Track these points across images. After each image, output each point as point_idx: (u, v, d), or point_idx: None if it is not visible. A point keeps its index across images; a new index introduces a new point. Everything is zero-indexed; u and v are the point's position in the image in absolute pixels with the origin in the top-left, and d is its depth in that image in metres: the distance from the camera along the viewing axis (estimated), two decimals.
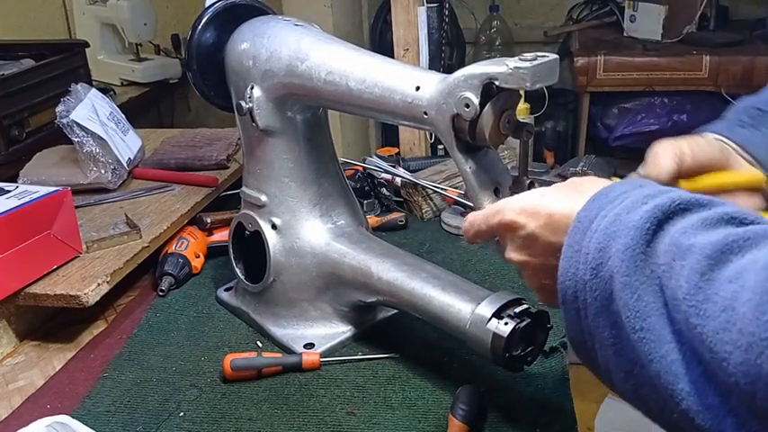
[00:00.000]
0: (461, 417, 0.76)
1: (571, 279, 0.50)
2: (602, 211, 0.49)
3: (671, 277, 0.43)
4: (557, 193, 0.57)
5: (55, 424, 0.74)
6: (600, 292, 0.48)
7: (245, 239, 0.97)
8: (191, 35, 0.93)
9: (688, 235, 0.44)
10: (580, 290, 0.49)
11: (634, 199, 0.49)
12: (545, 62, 0.64)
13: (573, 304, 0.50)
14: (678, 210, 0.46)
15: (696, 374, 0.42)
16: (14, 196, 0.97)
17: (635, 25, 2.39)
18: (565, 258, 0.51)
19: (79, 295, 0.94)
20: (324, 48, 0.84)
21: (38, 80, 1.58)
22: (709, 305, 0.40)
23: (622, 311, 0.45)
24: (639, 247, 0.45)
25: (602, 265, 0.47)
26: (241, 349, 0.94)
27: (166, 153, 1.37)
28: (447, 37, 2.24)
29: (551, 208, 0.55)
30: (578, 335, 0.51)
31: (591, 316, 0.49)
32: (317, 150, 0.94)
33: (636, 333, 0.44)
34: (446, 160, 1.39)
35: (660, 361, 0.43)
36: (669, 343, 0.43)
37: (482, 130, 0.68)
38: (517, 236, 0.58)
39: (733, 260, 0.41)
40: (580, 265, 0.49)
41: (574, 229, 0.51)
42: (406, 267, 0.86)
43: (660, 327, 0.43)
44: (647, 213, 0.46)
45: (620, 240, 0.46)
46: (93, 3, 2.25)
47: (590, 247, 0.48)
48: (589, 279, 0.48)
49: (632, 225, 0.46)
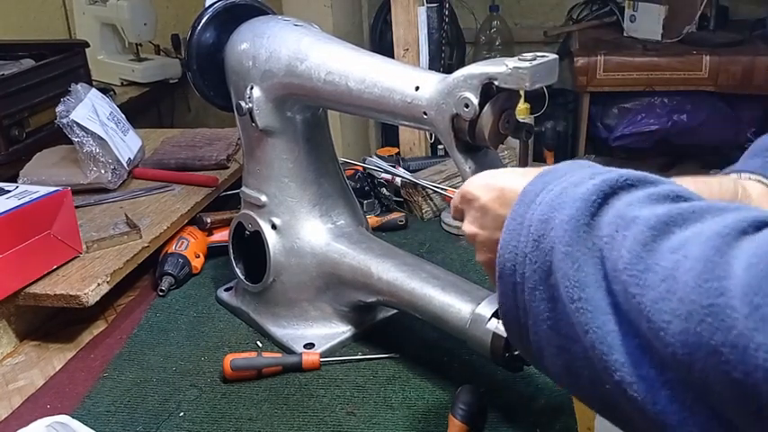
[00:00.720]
0: (461, 417, 0.76)
1: (511, 252, 0.49)
2: (549, 185, 0.49)
3: (612, 248, 0.42)
4: (513, 172, 0.57)
5: (55, 424, 0.74)
6: (539, 264, 0.47)
7: (245, 239, 0.97)
8: (191, 35, 0.93)
9: (633, 207, 0.43)
10: (519, 263, 0.49)
11: (582, 174, 0.49)
12: (545, 62, 0.64)
13: (510, 278, 0.50)
14: (625, 185, 0.46)
15: (632, 347, 0.41)
16: (14, 196, 0.97)
17: (635, 25, 2.39)
18: (506, 231, 0.50)
19: (79, 295, 0.94)
20: (323, 48, 0.84)
21: (38, 80, 1.58)
22: (649, 275, 0.39)
23: (561, 282, 0.45)
24: (584, 219, 0.45)
25: (543, 237, 0.47)
26: (241, 349, 0.94)
27: (166, 153, 1.37)
28: (447, 37, 2.24)
29: (505, 183, 0.55)
30: (512, 310, 0.51)
31: (528, 290, 0.48)
32: (316, 150, 0.94)
33: (573, 303, 0.44)
34: (446, 160, 1.39)
35: (596, 331, 0.42)
36: (606, 314, 0.42)
37: (482, 130, 0.68)
38: (472, 207, 0.58)
39: (676, 232, 0.40)
40: (521, 237, 0.48)
41: (518, 202, 0.50)
42: (406, 267, 0.86)
43: (598, 298, 0.43)
44: (595, 186, 0.46)
45: (564, 211, 0.46)
46: (93, 3, 2.25)
47: (533, 219, 0.48)
48: (529, 251, 0.48)
49: (578, 197, 0.46)
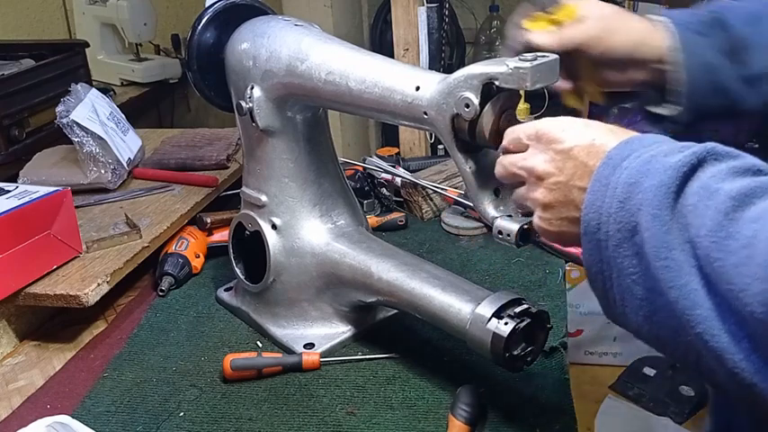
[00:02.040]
0: (461, 417, 0.76)
1: (596, 211, 0.53)
2: (635, 152, 0.52)
3: (696, 216, 0.46)
4: (603, 127, 0.59)
5: (55, 424, 0.74)
6: (624, 223, 0.51)
7: (245, 239, 0.97)
8: (191, 35, 0.93)
9: (716, 179, 0.48)
10: (603, 222, 0.52)
11: (671, 146, 0.52)
12: (545, 62, 0.64)
13: (594, 235, 0.53)
14: (711, 159, 0.50)
15: (714, 303, 0.45)
16: (14, 196, 0.97)
17: None
18: (591, 192, 0.53)
19: (79, 295, 0.94)
20: (324, 48, 0.84)
21: (38, 80, 1.58)
22: (730, 242, 0.44)
23: (648, 241, 0.48)
24: (673, 186, 0.48)
25: (629, 199, 0.50)
26: (241, 349, 0.94)
27: (166, 153, 1.37)
28: (447, 37, 2.24)
29: (596, 135, 0.57)
30: (596, 265, 0.54)
31: (612, 246, 0.52)
32: (317, 150, 0.94)
33: (660, 261, 0.48)
34: (446, 160, 1.39)
35: (681, 288, 0.46)
36: (689, 275, 0.46)
37: (482, 130, 0.68)
38: (551, 147, 0.59)
39: (756, 203, 0.45)
40: (606, 198, 0.52)
41: (603, 164, 0.53)
42: (406, 267, 0.86)
43: (683, 259, 0.47)
44: (686, 158, 0.49)
45: (654, 177, 0.49)
46: (93, 3, 2.24)
47: (619, 182, 0.51)
48: (614, 211, 0.51)
49: (669, 166, 0.49)
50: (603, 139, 0.56)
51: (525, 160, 0.60)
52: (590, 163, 0.56)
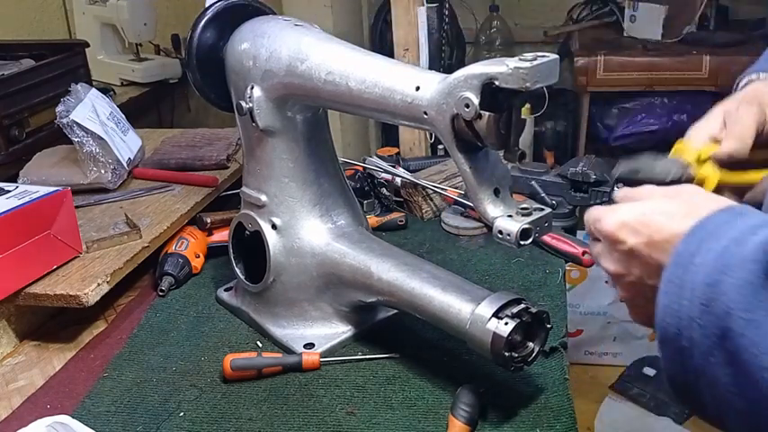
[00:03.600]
0: (462, 417, 0.76)
1: (673, 316, 0.48)
2: (705, 243, 0.48)
3: None
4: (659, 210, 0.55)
5: (55, 424, 0.74)
6: (712, 328, 0.45)
7: (245, 239, 0.97)
8: (191, 35, 0.93)
9: None
10: (684, 327, 0.47)
11: (741, 230, 0.47)
12: (545, 62, 0.64)
13: (675, 342, 0.48)
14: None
15: None
16: (14, 196, 0.97)
17: (635, 25, 2.39)
18: (665, 294, 0.49)
19: (79, 295, 0.94)
20: (324, 48, 0.84)
21: (38, 80, 1.58)
22: None
23: (747, 349, 0.43)
24: (758, 281, 0.43)
25: (713, 300, 0.45)
26: (241, 349, 0.94)
27: (166, 153, 1.37)
28: (447, 37, 2.24)
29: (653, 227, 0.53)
30: (680, 375, 0.49)
31: (699, 354, 0.46)
32: (317, 150, 0.94)
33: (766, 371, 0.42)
34: (446, 160, 1.39)
35: None
36: None
37: (482, 131, 0.68)
38: (616, 249, 0.57)
39: None
40: (684, 301, 0.47)
41: (673, 263, 0.49)
42: (406, 267, 0.86)
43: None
44: (762, 244, 0.44)
45: (734, 274, 0.44)
46: (94, 3, 2.24)
47: (695, 283, 0.46)
48: (697, 315, 0.46)
49: (747, 258, 0.44)
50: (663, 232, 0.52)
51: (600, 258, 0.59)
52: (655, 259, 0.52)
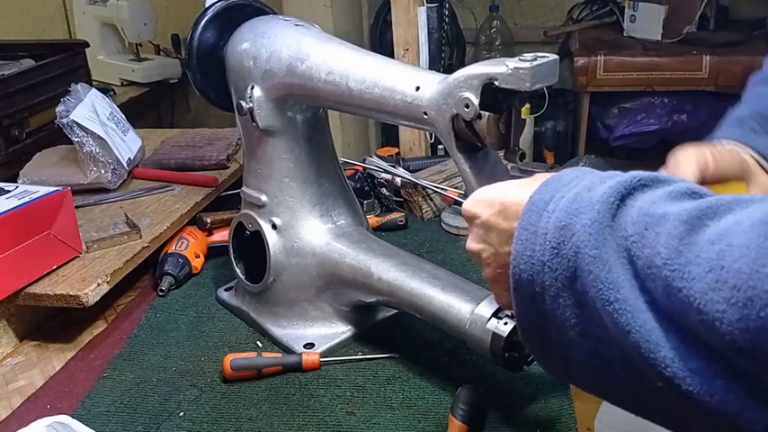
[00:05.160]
0: (461, 417, 0.76)
1: (526, 262, 0.49)
2: (558, 193, 0.49)
3: (644, 246, 0.43)
4: (512, 184, 0.57)
5: (55, 424, 0.74)
6: (561, 271, 0.47)
7: (245, 239, 0.97)
8: (191, 35, 0.93)
9: (658, 205, 0.44)
10: (537, 272, 0.48)
11: (592, 179, 0.49)
12: (545, 62, 0.64)
13: (528, 288, 0.49)
14: (639, 185, 0.46)
15: (676, 341, 0.41)
16: (14, 196, 0.97)
17: (635, 25, 2.40)
18: (519, 242, 0.50)
19: (79, 295, 0.94)
20: (324, 48, 0.84)
21: (38, 80, 1.58)
22: (692, 267, 0.39)
23: (592, 285, 0.44)
24: (606, 220, 0.45)
25: (563, 243, 0.46)
26: (241, 349, 0.94)
27: (166, 153, 1.37)
28: (447, 37, 2.24)
29: (505, 197, 0.55)
30: (531, 321, 0.50)
31: (549, 298, 0.48)
32: (317, 150, 0.94)
33: (610, 305, 0.43)
34: (446, 160, 1.39)
35: (638, 330, 0.42)
36: (644, 312, 0.42)
37: (482, 131, 0.68)
38: (474, 225, 0.58)
39: (709, 224, 0.41)
40: (537, 246, 0.48)
41: (527, 211, 0.50)
42: (406, 267, 0.86)
43: (634, 297, 0.43)
44: (611, 189, 0.46)
45: (584, 216, 0.46)
46: (93, 3, 2.24)
47: (548, 227, 0.48)
48: (548, 259, 0.47)
49: (596, 200, 0.46)
50: (514, 198, 0.54)
51: (467, 242, 0.60)
52: (507, 225, 0.54)
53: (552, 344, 0.49)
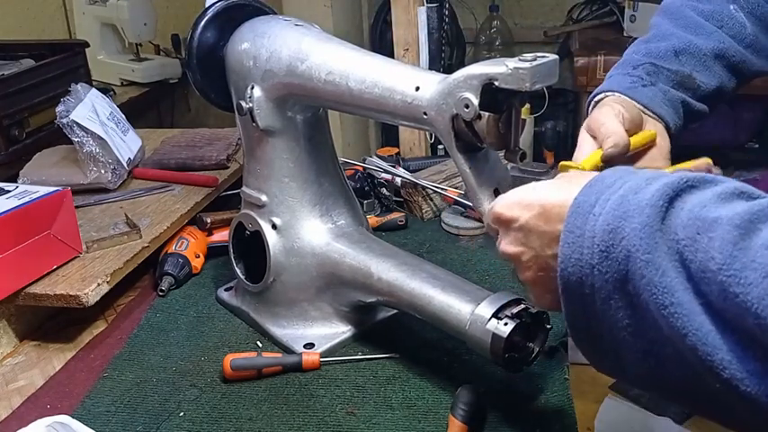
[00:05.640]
0: (461, 417, 0.76)
1: (575, 265, 0.49)
2: (602, 195, 0.49)
3: (697, 251, 0.43)
4: (548, 186, 0.57)
5: (55, 424, 0.74)
6: (612, 273, 0.47)
7: (245, 239, 0.97)
8: (191, 35, 0.93)
9: (709, 209, 0.44)
10: (586, 275, 0.48)
11: (636, 181, 0.49)
12: (545, 63, 0.64)
13: (577, 290, 0.49)
14: (686, 187, 0.46)
15: (732, 343, 0.41)
16: (14, 196, 0.97)
17: (635, 25, 2.39)
18: (566, 245, 0.50)
19: (79, 295, 0.94)
20: (324, 48, 0.84)
21: (38, 80, 1.58)
22: (748, 272, 0.40)
23: (645, 289, 0.45)
24: (656, 224, 0.45)
25: (613, 247, 0.47)
26: (241, 349, 0.94)
27: (166, 153, 1.37)
28: (447, 37, 2.24)
29: (543, 199, 0.55)
30: (582, 322, 0.50)
31: (600, 300, 0.48)
32: (317, 150, 0.94)
33: (665, 309, 0.44)
34: (446, 160, 1.39)
35: (695, 334, 0.42)
36: (700, 315, 0.42)
37: (482, 131, 0.68)
38: (511, 228, 0.58)
39: (762, 228, 0.41)
40: (584, 249, 0.48)
41: (573, 214, 0.50)
42: (406, 267, 0.86)
43: (688, 300, 0.43)
44: (658, 191, 0.46)
45: (633, 219, 0.46)
46: (93, 3, 2.24)
47: (596, 230, 0.48)
48: (597, 262, 0.47)
49: (645, 203, 0.46)
50: (554, 200, 0.54)
51: (500, 246, 0.60)
52: (550, 228, 0.54)
53: (603, 343, 0.50)
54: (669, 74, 0.79)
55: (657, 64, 0.80)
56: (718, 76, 0.81)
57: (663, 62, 0.80)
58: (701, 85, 0.80)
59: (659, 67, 0.79)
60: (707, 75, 0.80)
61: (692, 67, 0.80)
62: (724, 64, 0.81)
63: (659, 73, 0.79)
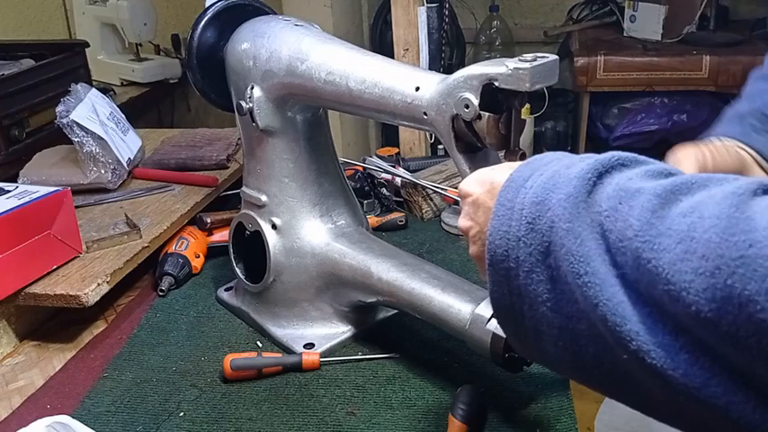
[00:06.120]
0: (461, 417, 0.76)
1: (502, 237, 0.49)
2: (537, 171, 0.50)
3: (616, 220, 0.43)
4: (505, 166, 0.57)
5: (55, 424, 0.74)
6: (535, 245, 0.47)
7: (245, 239, 0.97)
8: (191, 35, 0.93)
9: (634, 181, 0.44)
10: (512, 247, 0.48)
11: (571, 159, 0.50)
12: (544, 63, 0.64)
13: (503, 264, 0.49)
14: (617, 164, 0.47)
15: (644, 315, 0.41)
16: (14, 196, 0.97)
17: (635, 25, 2.40)
18: (495, 217, 0.50)
19: (79, 295, 0.94)
20: (324, 48, 0.84)
21: (38, 80, 1.58)
22: (662, 239, 0.40)
23: (564, 258, 0.45)
24: (581, 195, 0.45)
25: (539, 218, 0.47)
26: (241, 349, 0.94)
27: (166, 153, 1.37)
28: (447, 37, 2.24)
29: (495, 176, 0.56)
30: (505, 297, 0.50)
31: (523, 273, 0.48)
32: (317, 150, 0.94)
33: (580, 278, 0.43)
34: (446, 160, 1.39)
35: (606, 304, 0.42)
36: (614, 286, 0.42)
37: (482, 131, 0.68)
38: (466, 203, 0.59)
39: (683, 199, 0.41)
40: (513, 222, 0.48)
41: (506, 188, 0.50)
42: (406, 267, 0.86)
43: (604, 271, 0.43)
44: (589, 166, 0.46)
45: (561, 191, 0.46)
46: (93, 3, 2.24)
47: (525, 203, 0.48)
48: (523, 234, 0.47)
49: (573, 176, 0.46)
50: (501, 177, 0.53)
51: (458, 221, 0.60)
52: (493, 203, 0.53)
53: (525, 320, 0.49)
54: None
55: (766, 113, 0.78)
56: None
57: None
58: None
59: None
60: None
61: None
62: None
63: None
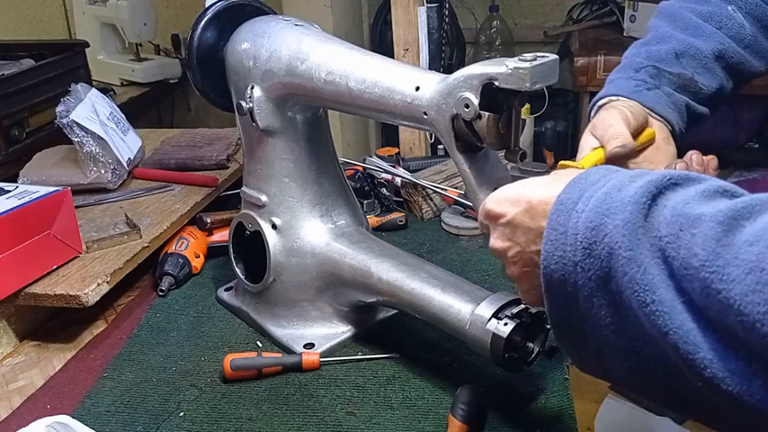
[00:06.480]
0: (461, 417, 0.76)
1: (557, 262, 0.49)
2: (586, 192, 0.49)
3: (679, 247, 0.42)
4: (537, 183, 0.57)
5: (55, 424, 0.74)
6: (594, 271, 0.47)
7: (245, 239, 0.97)
8: (191, 35, 0.93)
9: (692, 206, 0.43)
10: (569, 272, 0.48)
11: (620, 179, 0.49)
12: (545, 63, 0.64)
13: (560, 288, 0.49)
14: (670, 184, 0.46)
15: (714, 341, 0.41)
16: (14, 196, 0.97)
17: (635, 25, 2.39)
18: (548, 242, 0.50)
19: (79, 295, 0.94)
20: (324, 48, 0.84)
21: (38, 80, 1.58)
22: (731, 269, 0.39)
23: (627, 287, 0.44)
24: (639, 221, 0.45)
25: (596, 244, 0.46)
26: (241, 349, 0.94)
27: (166, 153, 1.37)
28: (447, 37, 2.24)
29: (530, 195, 0.56)
30: (565, 320, 0.50)
31: (582, 298, 0.48)
32: (317, 150, 0.94)
33: (647, 307, 0.43)
34: (446, 160, 1.39)
35: (676, 332, 0.42)
36: (682, 314, 0.42)
37: (482, 131, 0.68)
38: (499, 224, 0.59)
39: (746, 225, 0.40)
40: (567, 246, 0.48)
41: (556, 211, 0.50)
42: (406, 267, 0.86)
43: (670, 298, 0.43)
44: (642, 188, 0.46)
45: (616, 216, 0.46)
46: (93, 3, 2.24)
47: (578, 228, 0.48)
48: (580, 260, 0.47)
49: (628, 200, 0.46)
50: (541, 196, 0.54)
51: (490, 242, 0.61)
52: (535, 225, 0.54)
53: (586, 341, 0.49)
54: (671, 77, 0.80)
55: (660, 67, 0.80)
56: (719, 77, 0.81)
57: (665, 65, 0.80)
58: (702, 88, 0.81)
59: (661, 71, 0.80)
60: (708, 77, 0.81)
61: (694, 70, 0.80)
62: (724, 65, 0.81)
63: (662, 76, 0.80)
